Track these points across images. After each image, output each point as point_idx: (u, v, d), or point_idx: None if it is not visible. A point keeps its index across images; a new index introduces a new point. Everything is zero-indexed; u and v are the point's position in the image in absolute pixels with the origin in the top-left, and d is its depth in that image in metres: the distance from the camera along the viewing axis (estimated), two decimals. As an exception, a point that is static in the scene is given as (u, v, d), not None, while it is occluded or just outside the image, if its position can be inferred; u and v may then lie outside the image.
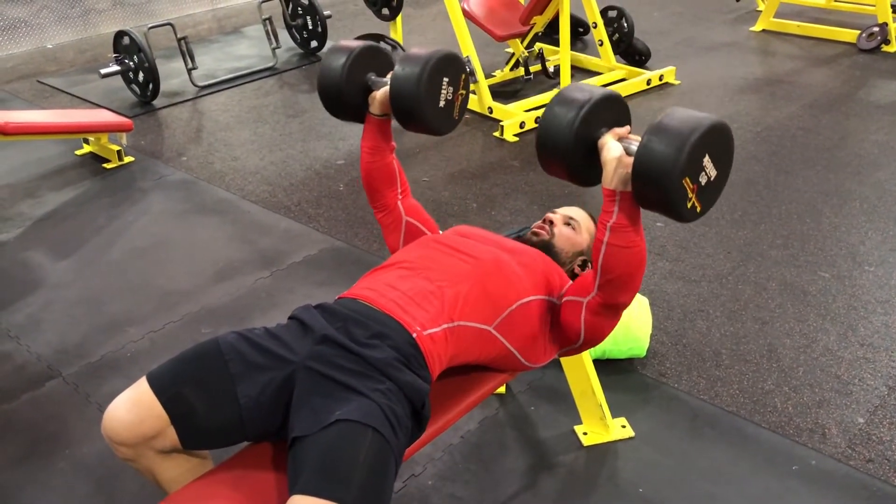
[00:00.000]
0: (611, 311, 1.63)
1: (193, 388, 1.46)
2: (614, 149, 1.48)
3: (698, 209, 1.44)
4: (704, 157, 1.40)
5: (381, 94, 1.81)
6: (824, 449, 2.13)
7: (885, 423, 2.21)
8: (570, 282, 1.77)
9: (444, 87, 1.77)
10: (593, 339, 1.69)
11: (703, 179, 1.41)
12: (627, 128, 1.54)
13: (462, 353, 1.62)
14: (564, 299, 1.70)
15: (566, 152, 1.51)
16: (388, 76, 1.79)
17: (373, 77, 1.85)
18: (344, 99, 1.85)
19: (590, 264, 1.90)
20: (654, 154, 1.38)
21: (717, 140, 1.42)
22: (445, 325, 1.56)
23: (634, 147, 1.45)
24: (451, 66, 1.78)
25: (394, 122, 1.86)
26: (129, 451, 1.47)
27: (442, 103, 1.79)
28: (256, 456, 1.52)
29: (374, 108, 1.84)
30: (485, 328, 1.62)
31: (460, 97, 1.84)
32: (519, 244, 1.83)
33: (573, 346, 1.73)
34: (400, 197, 1.94)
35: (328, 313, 1.57)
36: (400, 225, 1.93)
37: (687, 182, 1.39)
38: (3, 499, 2.03)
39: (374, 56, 1.87)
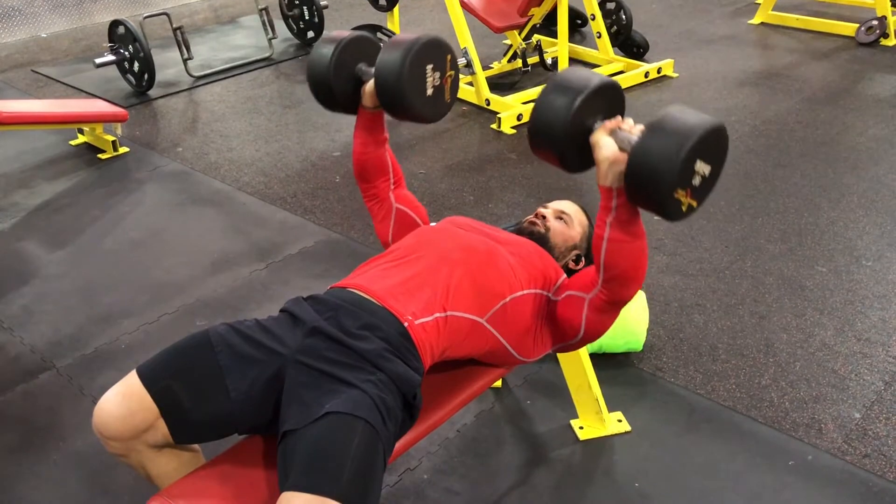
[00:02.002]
0: (614, 307, 1.62)
1: (183, 381, 1.45)
2: (607, 147, 1.44)
3: (694, 206, 1.42)
4: (696, 162, 1.37)
5: (369, 86, 1.76)
6: (820, 444, 2.13)
7: (882, 419, 2.21)
8: (565, 276, 1.76)
9: (429, 74, 1.72)
10: (592, 336, 1.68)
11: (696, 181, 1.39)
12: (619, 119, 1.49)
13: (454, 345, 1.61)
14: (565, 294, 1.68)
15: (559, 141, 1.48)
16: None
17: (363, 67, 1.80)
18: (334, 91, 1.80)
19: (584, 259, 1.89)
20: (644, 173, 1.36)
21: (708, 143, 1.38)
22: (438, 315, 1.55)
23: (627, 141, 1.42)
24: (434, 52, 1.72)
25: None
26: (120, 446, 1.46)
27: (430, 91, 1.74)
28: (248, 451, 1.52)
29: (366, 101, 1.80)
30: (477, 320, 1.61)
31: (449, 79, 1.78)
32: (513, 236, 1.82)
33: (570, 342, 1.72)
34: (392, 187, 1.91)
35: (319, 304, 1.57)
36: (390, 213, 1.90)
37: (679, 192, 1.37)
38: (-5, 491, 2.02)
39: (363, 45, 1.82)
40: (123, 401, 1.44)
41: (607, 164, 1.44)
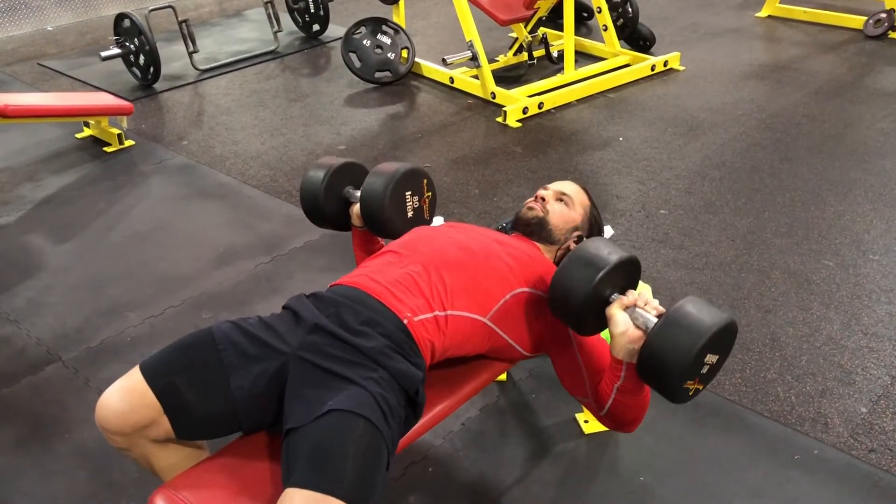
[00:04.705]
0: (615, 430, 1.74)
1: (186, 378, 1.45)
2: (621, 324, 1.47)
3: (700, 389, 1.49)
4: (706, 356, 1.42)
5: (356, 209, 1.95)
6: (826, 438, 2.12)
7: (888, 413, 2.20)
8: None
9: (408, 199, 1.92)
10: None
11: (704, 370, 1.44)
12: (634, 296, 1.51)
13: (457, 345, 1.61)
14: (574, 351, 1.68)
15: (577, 310, 1.53)
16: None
17: (350, 190, 1.98)
18: (325, 212, 1.97)
19: (585, 238, 1.89)
20: (656, 364, 1.42)
21: (719, 337, 1.42)
22: (437, 313, 1.56)
23: (641, 319, 1.47)
24: (412, 180, 1.91)
25: None
26: (122, 441, 1.46)
27: (410, 213, 1.93)
28: (253, 445, 1.52)
29: (355, 221, 1.98)
30: (480, 319, 1.61)
31: (427, 200, 1.98)
32: (508, 237, 1.83)
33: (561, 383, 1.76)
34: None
35: (320, 301, 1.57)
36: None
37: (689, 383, 1.43)
38: (2, 482, 2.03)
39: (352, 170, 2.00)
40: (126, 396, 1.44)
41: (624, 341, 1.47)
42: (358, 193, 1.94)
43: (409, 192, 1.92)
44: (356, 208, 1.94)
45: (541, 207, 1.87)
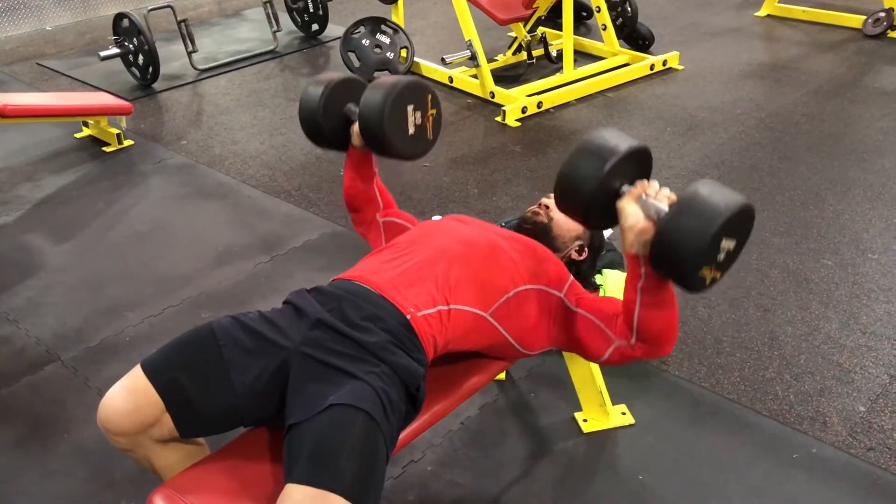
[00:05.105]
0: (651, 355, 1.61)
1: (188, 374, 1.45)
2: (632, 216, 1.42)
3: (717, 277, 1.42)
4: (722, 240, 1.36)
5: (356, 127, 1.84)
6: (825, 437, 2.12)
7: (887, 412, 2.20)
8: (571, 277, 1.75)
9: (409, 114, 1.79)
10: (612, 364, 1.68)
11: (721, 257, 1.38)
12: (645, 184, 1.46)
13: (458, 339, 1.61)
14: (584, 314, 1.67)
15: (587, 204, 1.46)
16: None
17: (351, 107, 1.88)
18: (323, 130, 1.88)
19: (587, 249, 1.89)
20: (670, 251, 1.36)
21: (735, 221, 1.37)
22: (440, 307, 1.56)
23: (654, 209, 1.41)
24: (414, 93, 1.79)
25: None
26: (126, 441, 1.46)
27: (412, 130, 1.81)
28: (253, 442, 1.52)
29: (355, 140, 1.87)
30: (480, 314, 1.61)
31: (430, 118, 1.86)
32: (513, 233, 1.83)
33: (585, 357, 1.73)
34: (379, 214, 2.01)
35: (322, 295, 1.57)
36: (379, 229, 2.00)
37: (704, 269, 1.37)
38: (2, 482, 2.03)
39: (352, 86, 1.90)
40: (129, 396, 1.44)
41: (634, 234, 1.43)
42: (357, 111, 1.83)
43: (412, 107, 1.79)
44: (356, 126, 1.84)
45: (545, 214, 1.88)
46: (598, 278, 2.38)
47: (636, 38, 5.10)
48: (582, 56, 5.01)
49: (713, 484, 1.99)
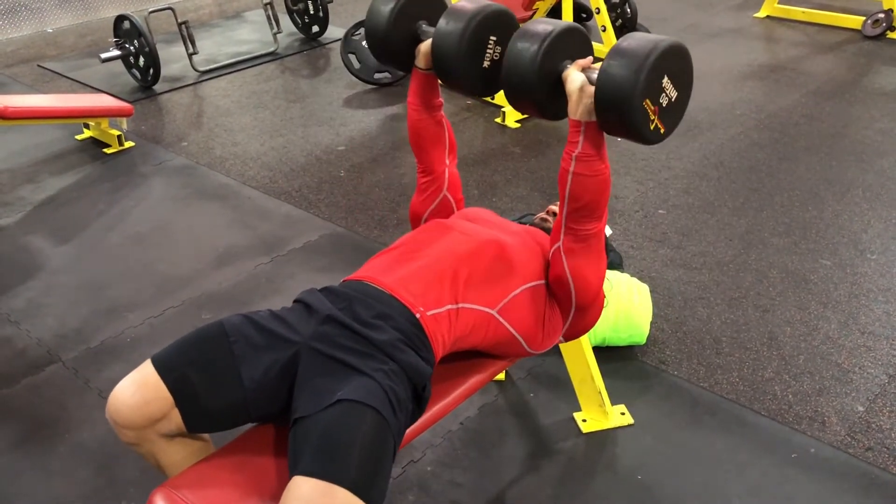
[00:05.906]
0: (584, 244, 1.63)
1: (198, 370, 1.46)
2: (576, 79, 1.50)
3: (661, 130, 1.48)
4: (663, 78, 1.43)
5: (425, 46, 1.72)
6: (824, 437, 2.13)
7: (885, 412, 2.21)
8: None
9: (490, 46, 1.63)
10: (583, 291, 1.68)
11: (663, 101, 1.45)
12: (590, 58, 1.55)
13: (465, 336, 1.61)
14: (550, 254, 1.70)
15: (532, 86, 1.51)
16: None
17: (423, 26, 1.73)
18: (390, 47, 1.74)
19: None
20: (614, 78, 1.41)
21: (675, 61, 1.45)
22: (450, 307, 1.56)
23: (595, 75, 1.47)
24: (501, 24, 1.63)
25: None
26: (133, 435, 1.47)
27: (487, 63, 1.65)
28: (257, 439, 1.52)
29: (420, 62, 1.76)
30: (488, 311, 1.62)
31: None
32: (523, 227, 1.83)
33: (569, 313, 1.73)
34: (448, 162, 1.90)
35: (333, 295, 1.58)
36: (436, 196, 1.90)
37: (648, 104, 1.42)
38: (2, 483, 2.03)
39: (428, 2, 1.75)
40: (139, 389, 1.44)
41: (577, 95, 1.49)
42: (431, 31, 1.68)
43: (495, 39, 1.62)
44: (425, 45, 1.71)
45: (553, 221, 1.88)
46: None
47: (636, 39, 5.10)
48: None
49: (711, 484, 2.00)
